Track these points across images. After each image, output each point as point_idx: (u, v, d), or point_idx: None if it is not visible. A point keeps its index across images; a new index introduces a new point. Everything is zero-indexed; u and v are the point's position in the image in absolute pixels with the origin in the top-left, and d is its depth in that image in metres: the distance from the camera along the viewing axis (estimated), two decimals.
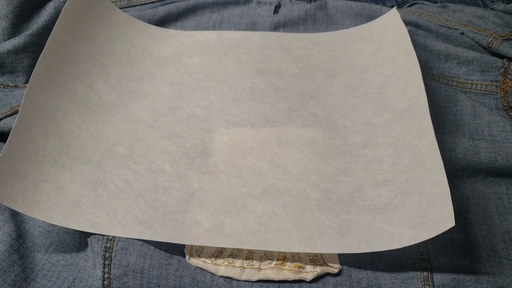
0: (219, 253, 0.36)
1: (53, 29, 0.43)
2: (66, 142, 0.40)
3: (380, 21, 0.52)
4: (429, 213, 0.33)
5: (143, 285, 0.35)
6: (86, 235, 0.38)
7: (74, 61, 0.44)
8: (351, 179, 0.39)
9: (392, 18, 0.50)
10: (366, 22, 0.55)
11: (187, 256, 0.36)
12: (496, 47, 0.48)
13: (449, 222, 0.31)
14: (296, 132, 0.42)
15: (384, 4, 0.59)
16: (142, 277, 0.35)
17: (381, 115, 0.43)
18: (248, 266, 0.36)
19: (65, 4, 0.45)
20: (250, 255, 0.36)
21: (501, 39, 0.48)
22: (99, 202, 0.37)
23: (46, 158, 0.38)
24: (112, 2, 0.55)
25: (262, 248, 0.34)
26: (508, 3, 0.55)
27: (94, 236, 0.37)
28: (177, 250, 0.36)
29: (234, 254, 0.36)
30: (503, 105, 0.45)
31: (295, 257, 0.36)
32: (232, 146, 0.41)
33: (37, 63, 0.40)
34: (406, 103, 0.42)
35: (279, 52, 0.51)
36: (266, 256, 0.36)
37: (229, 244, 0.35)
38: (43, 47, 0.42)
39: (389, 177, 0.38)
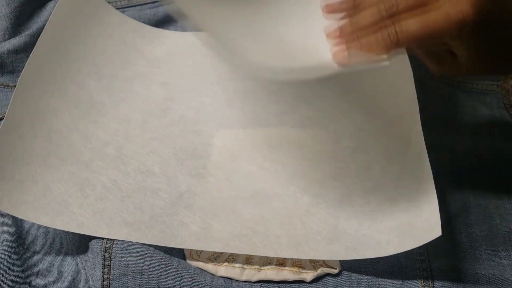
0: (219, 253, 0.36)
1: (45, 27, 0.43)
2: (55, 142, 0.40)
3: None
4: (416, 221, 0.34)
5: (142, 286, 0.35)
6: (86, 235, 0.38)
7: (65, 59, 0.44)
8: (341, 185, 0.39)
9: None
10: None
11: (187, 257, 0.36)
12: None
13: (436, 231, 0.31)
14: (287, 136, 0.42)
15: None
16: (141, 278, 0.35)
17: (372, 120, 0.42)
18: (248, 267, 0.36)
19: (58, 2, 0.45)
20: (250, 256, 0.36)
21: None
22: (86, 203, 0.37)
23: (34, 158, 0.38)
24: (112, 1, 0.55)
25: (249, 253, 0.34)
26: None
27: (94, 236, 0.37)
28: (177, 250, 0.36)
29: (234, 254, 0.36)
30: (504, 103, 0.45)
31: (295, 258, 0.36)
32: (222, 148, 0.41)
33: (27, 61, 0.40)
34: (398, 109, 0.42)
35: None
36: (266, 256, 0.36)
37: (216, 248, 0.35)
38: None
39: (378, 184, 0.38)
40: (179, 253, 0.36)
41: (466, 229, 0.37)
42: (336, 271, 0.35)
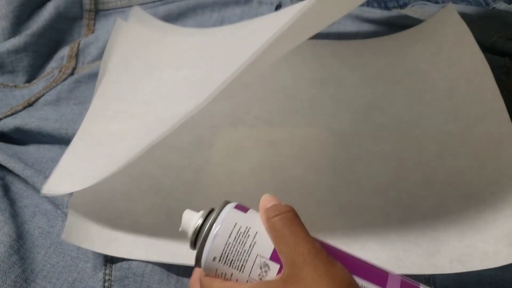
0: None
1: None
2: (134, 176, 0.39)
3: (436, 19, 0.49)
4: None
5: None
6: None
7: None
8: (432, 194, 0.37)
9: (448, 15, 0.47)
10: (366, 24, 0.54)
11: None
12: (501, 46, 0.47)
13: None
14: (366, 146, 0.40)
15: (386, 6, 0.59)
16: (142, 281, 0.35)
17: (454, 121, 0.40)
18: None
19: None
20: None
21: (505, 38, 0.48)
22: (176, 232, 0.37)
23: (117, 195, 0.38)
24: (113, 1, 0.55)
25: None
26: (510, 3, 0.55)
27: None
28: None
29: None
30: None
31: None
32: (299, 161, 0.39)
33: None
34: (481, 108, 0.39)
35: (334, 60, 0.48)
36: None
37: None
38: (46, 49, 0.41)
39: (474, 189, 0.36)
40: None
41: None
42: None
